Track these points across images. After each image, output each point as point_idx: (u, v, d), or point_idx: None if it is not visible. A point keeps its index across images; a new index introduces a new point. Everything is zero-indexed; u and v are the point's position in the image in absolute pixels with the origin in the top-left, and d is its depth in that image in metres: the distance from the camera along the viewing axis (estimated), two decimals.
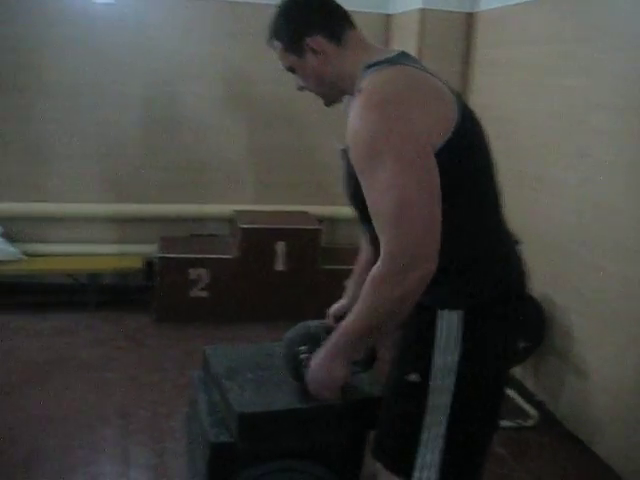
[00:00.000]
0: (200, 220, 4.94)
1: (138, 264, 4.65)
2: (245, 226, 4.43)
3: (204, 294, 4.40)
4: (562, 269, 3.34)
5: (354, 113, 1.55)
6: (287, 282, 4.46)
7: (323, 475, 2.13)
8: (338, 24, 1.75)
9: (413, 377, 1.67)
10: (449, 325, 1.62)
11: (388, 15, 4.96)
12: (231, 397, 2.06)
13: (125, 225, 4.84)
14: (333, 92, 1.79)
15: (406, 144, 1.47)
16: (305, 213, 4.86)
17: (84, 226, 4.78)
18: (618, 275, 2.94)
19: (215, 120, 4.86)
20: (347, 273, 4.63)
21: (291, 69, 1.78)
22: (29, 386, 3.46)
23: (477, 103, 4.30)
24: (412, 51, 4.45)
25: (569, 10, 3.36)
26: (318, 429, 2.09)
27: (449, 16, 4.41)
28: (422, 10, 4.41)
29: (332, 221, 5.09)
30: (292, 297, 4.44)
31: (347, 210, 1.82)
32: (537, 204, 3.60)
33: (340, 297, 2.48)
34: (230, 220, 4.80)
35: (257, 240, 4.43)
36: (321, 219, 4.84)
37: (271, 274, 4.45)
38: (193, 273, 4.37)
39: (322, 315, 2.67)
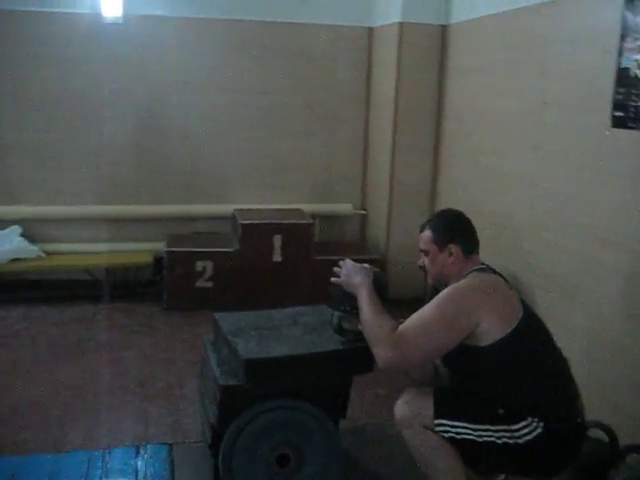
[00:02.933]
0: (204, 219, 5.39)
1: (148, 259, 5.10)
2: (245, 222, 4.88)
3: (209, 284, 4.84)
4: (522, 248, 3.78)
5: None
6: (284, 272, 4.91)
7: (315, 412, 2.57)
8: (473, 246, 2.47)
9: (501, 411, 2.23)
10: (533, 424, 2.23)
11: (371, 28, 5.43)
12: (238, 348, 2.49)
13: (135, 224, 5.29)
14: (441, 280, 2.47)
15: (452, 319, 2.24)
16: (299, 210, 5.31)
17: (98, 226, 5.22)
18: (569, 250, 3.39)
19: (217, 128, 5.34)
20: (337, 262, 5.09)
21: (426, 252, 2.47)
22: (57, 363, 3.90)
23: (451, 105, 4.79)
24: (393, 60, 4.93)
25: (526, 22, 3.83)
26: (312, 373, 2.53)
27: (425, 28, 4.87)
28: (401, 24, 4.88)
29: (323, 218, 5.54)
30: (288, 285, 4.89)
31: (336, 208, 2.29)
32: (498, 192, 4.07)
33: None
34: (231, 218, 5.24)
35: (256, 235, 4.88)
36: (314, 216, 5.29)
37: (269, 265, 4.90)
38: (199, 265, 4.81)
39: (315, 300, 3.11)
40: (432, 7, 4.85)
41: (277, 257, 4.90)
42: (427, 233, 2.48)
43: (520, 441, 2.19)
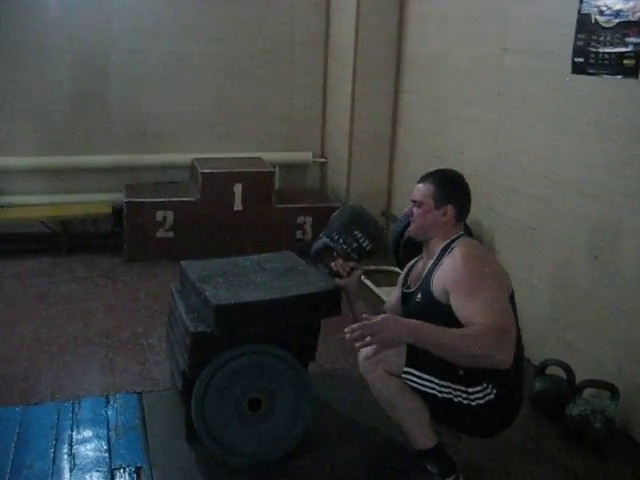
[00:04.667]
0: (163, 168, 5.32)
1: (107, 210, 5.03)
2: (205, 171, 4.84)
3: (170, 234, 4.82)
4: (483, 195, 3.83)
5: (454, 262, 2.30)
6: (245, 220, 4.91)
7: (285, 356, 2.60)
8: (466, 214, 2.51)
9: (460, 372, 2.29)
10: (487, 390, 2.32)
11: None
12: (208, 295, 2.50)
13: (93, 175, 5.20)
14: (423, 234, 2.48)
15: (497, 284, 2.25)
16: (259, 159, 5.27)
17: (54, 177, 5.11)
18: (527, 195, 3.46)
19: (174, 76, 5.23)
20: (298, 211, 5.13)
21: (419, 204, 2.45)
22: (19, 316, 3.86)
23: (411, 51, 4.78)
24: (352, 5, 4.88)
25: None
26: (282, 318, 2.56)
27: None
28: None
29: (283, 166, 5.52)
30: (250, 233, 4.91)
31: (296, 156, 2.25)
32: (459, 138, 4.11)
33: (292, 233, 3.03)
34: (190, 167, 5.19)
35: (216, 184, 4.85)
36: (274, 164, 5.27)
37: (230, 214, 4.89)
38: (159, 215, 4.78)
39: (276, 248, 3.13)
40: None
41: (238, 206, 4.89)
42: (428, 186, 2.46)
43: (473, 403, 2.30)
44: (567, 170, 3.18)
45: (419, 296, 2.43)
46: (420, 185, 2.50)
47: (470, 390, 2.30)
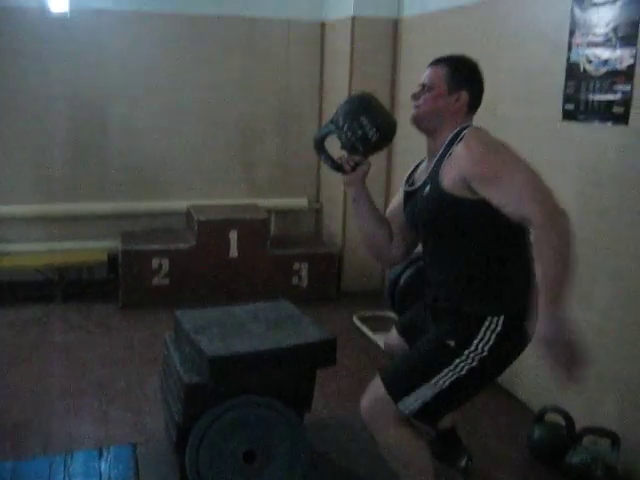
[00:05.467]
0: (159, 216, 5.34)
1: (102, 258, 5.02)
2: (200, 218, 4.86)
3: (165, 282, 4.80)
4: None
5: (471, 148, 2.10)
6: (240, 267, 4.90)
7: (280, 408, 2.58)
8: (479, 102, 2.29)
9: (451, 343, 2.16)
10: (492, 325, 2.15)
11: (323, 22, 5.44)
12: (202, 346, 2.49)
13: (89, 222, 5.20)
14: (428, 122, 2.25)
15: (523, 163, 2.08)
16: (254, 205, 5.29)
17: (50, 225, 5.11)
18: None
19: (170, 124, 5.27)
20: (293, 257, 5.14)
21: (429, 88, 2.23)
22: (12, 366, 3.82)
23: (404, 99, 4.83)
24: (346, 54, 4.95)
25: (478, 17, 3.89)
26: (276, 369, 2.55)
27: (377, 22, 4.90)
28: (353, 18, 4.90)
29: (278, 212, 5.54)
30: (245, 280, 4.89)
31: (291, 202, 2.20)
32: None
33: (287, 280, 2.96)
34: (186, 214, 5.20)
35: (212, 231, 4.86)
36: (269, 210, 5.29)
37: (225, 260, 4.88)
38: (154, 263, 4.77)
39: (272, 295, 3.09)
40: (385, 0, 4.89)
41: (233, 253, 4.88)
42: (441, 69, 2.24)
43: (484, 354, 2.14)
44: None
45: (427, 189, 2.19)
46: (431, 67, 2.28)
47: (471, 349, 2.14)
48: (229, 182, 5.46)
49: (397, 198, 2.51)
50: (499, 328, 2.14)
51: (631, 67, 2.82)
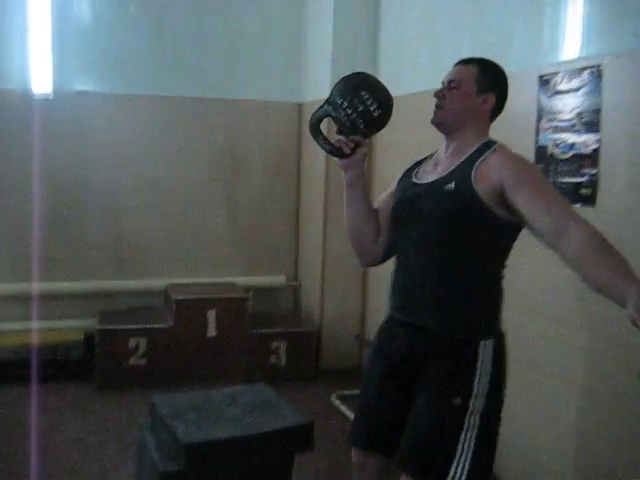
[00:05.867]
0: (136, 294, 5.32)
1: (79, 337, 4.98)
2: (178, 297, 4.86)
3: (142, 362, 4.75)
4: None
5: (510, 159, 2.10)
6: (218, 347, 4.87)
7: None
8: (501, 109, 2.25)
9: (457, 401, 2.03)
10: (486, 352, 2.08)
11: (300, 104, 5.59)
12: (178, 432, 2.47)
13: (65, 301, 5.17)
14: (453, 122, 2.17)
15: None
16: (233, 284, 5.31)
17: (26, 304, 5.06)
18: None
19: (148, 203, 5.32)
20: (272, 336, 5.12)
21: (457, 86, 2.15)
22: None
23: (380, 178, 4.95)
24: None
25: None
26: (253, 454, 2.52)
27: None
28: None
29: (257, 290, 5.54)
30: (224, 360, 4.85)
31: (270, 280, 2.22)
32: None
33: (266, 359, 2.87)
34: (165, 293, 5.20)
35: (190, 310, 4.85)
36: (247, 288, 5.31)
37: (204, 340, 4.86)
38: (132, 343, 4.73)
39: (251, 375, 3.07)
40: None
41: (211, 332, 4.87)
42: (472, 68, 2.18)
43: (487, 389, 2.06)
44: (535, 293, 3.24)
45: (451, 185, 2.08)
46: (460, 66, 2.21)
47: (475, 391, 2.05)
48: (207, 260, 5.49)
49: (388, 193, 2.41)
50: (491, 355, 2.08)
51: (596, 151, 2.93)
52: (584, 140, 3.00)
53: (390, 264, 2.39)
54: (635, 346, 2.60)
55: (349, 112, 2.15)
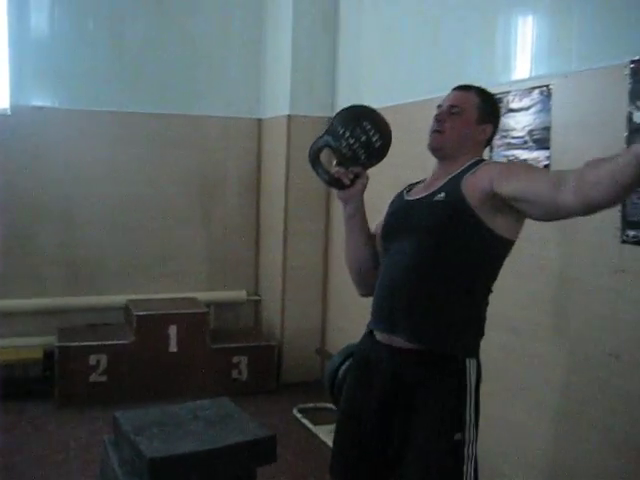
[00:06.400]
0: (96, 310, 5.28)
1: (38, 355, 4.93)
2: (139, 313, 4.85)
3: (103, 378, 4.72)
4: None
5: (496, 165, 2.18)
6: (180, 362, 4.87)
7: None
8: (490, 142, 2.30)
9: (458, 436, 1.99)
10: (472, 376, 2.04)
11: (260, 120, 5.65)
12: (141, 447, 2.48)
13: (23, 318, 5.11)
14: (451, 148, 2.14)
15: None
16: (194, 299, 5.32)
17: None
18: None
19: (107, 219, 5.31)
20: (233, 350, 5.12)
21: (459, 112, 2.12)
22: None
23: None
24: (282, 150, 5.14)
25: (407, 117, 4.11)
26: (217, 467, 2.55)
27: (312, 120, 5.08)
28: (289, 116, 5.12)
29: (218, 305, 5.57)
30: (186, 375, 4.85)
31: (230, 295, 2.20)
32: None
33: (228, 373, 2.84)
34: (125, 309, 5.18)
35: (151, 326, 4.85)
36: (208, 304, 5.32)
37: (165, 356, 4.85)
38: (92, 359, 4.70)
39: (213, 390, 3.07)
40: (318, 100, 5.13)
41: (173, 347, 4.86)
42: (474, 96, 2.17)
43: (474, 416, 2.04)
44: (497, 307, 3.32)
45: (441, 195, 2.06)
46: (461, 92, 2.19)
47: (467, 421, 2.02)
48: (168, 276, 5.49)
49: (382, 220, 2.34)
50: (475, 379, 2.05)
51: (547, 167, 3.04)
52: (535, 156, 3.11)
53: (348, 279, 2.44)
54: (609, 363, 2.70)
55: (351, 142, 2.14)
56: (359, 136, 2.14)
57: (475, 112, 2.14)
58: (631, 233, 2.62)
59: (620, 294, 2.64)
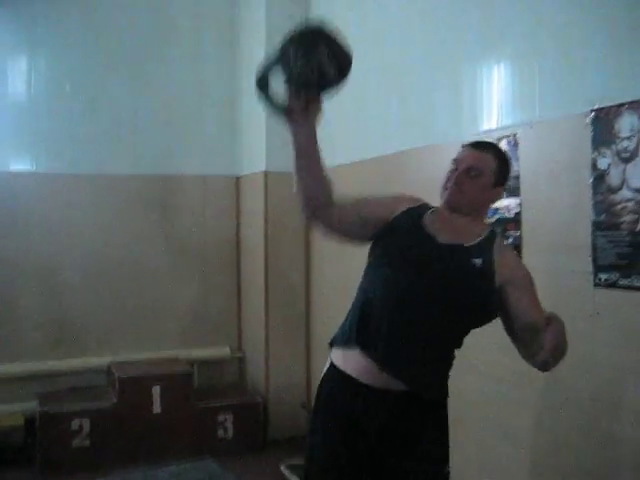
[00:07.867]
0: (78, 373, 5.22)
1: (18, 422, 4.85)
2: (121, 375, 4.80)
3: (86, 443, 4.64)
4: None
5: (516, 258, 2.33)
6: (164, 423, 4.79)
7: None
8: None
9: (447, 469, 2.12)
10: (445, 413, 2.19)
11: (238, 177, 5.71)
12: None
13: (2, 384, 5.02)
14: (467, 207, 2.17)
15: None
16: (176, 358, 5.29)
17: None
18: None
19: (88, 279, 5.29)
20: (218, 409, 5.09)
21: (477, 174, 2.13)
22: None
23: (318, 246, 5.05)
24: (260, 206, 5.19)
25: (380, 169, 4.19)
26: None
27: (288, 176, 5.11)
28: (265, 172, 5.19)
29: (201, 362, 5.52)
30: (170, 436, 4.77)
31: (213, 352, 2.20)
32: None
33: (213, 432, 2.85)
34: (107, 371, 5.13)
35: (134, 387, 4.79)
36: (192, 362, 5.29)
37: (149, 417, 4.78)
38: (74, 424, 4.63)
39: (198, 449, 3.05)
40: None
41: (157, 408, 4.80)
42: (491, 159, 2.17)
43: (448, 441, 2.17)
44: (476, 353, 3.34)
45: (478, 261, 2.09)
46: (480, 153, 2.17)
47: (448, 444, 2.17)
48: (150, 335, 5.45)
49: (378, 202, 2.33)
50: (447, 416, 2.18)
51: (518, 214, 3.11)
52: (507, 204, 3.17)
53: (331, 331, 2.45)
54: (588, 407, 2.72)
55: (302, 64, 1.92)
56: (312, 59, 1.93)
57: (492, 177, 2.17)
58: (603, 277, 2.68)
59: (595, 337, 2.67)
